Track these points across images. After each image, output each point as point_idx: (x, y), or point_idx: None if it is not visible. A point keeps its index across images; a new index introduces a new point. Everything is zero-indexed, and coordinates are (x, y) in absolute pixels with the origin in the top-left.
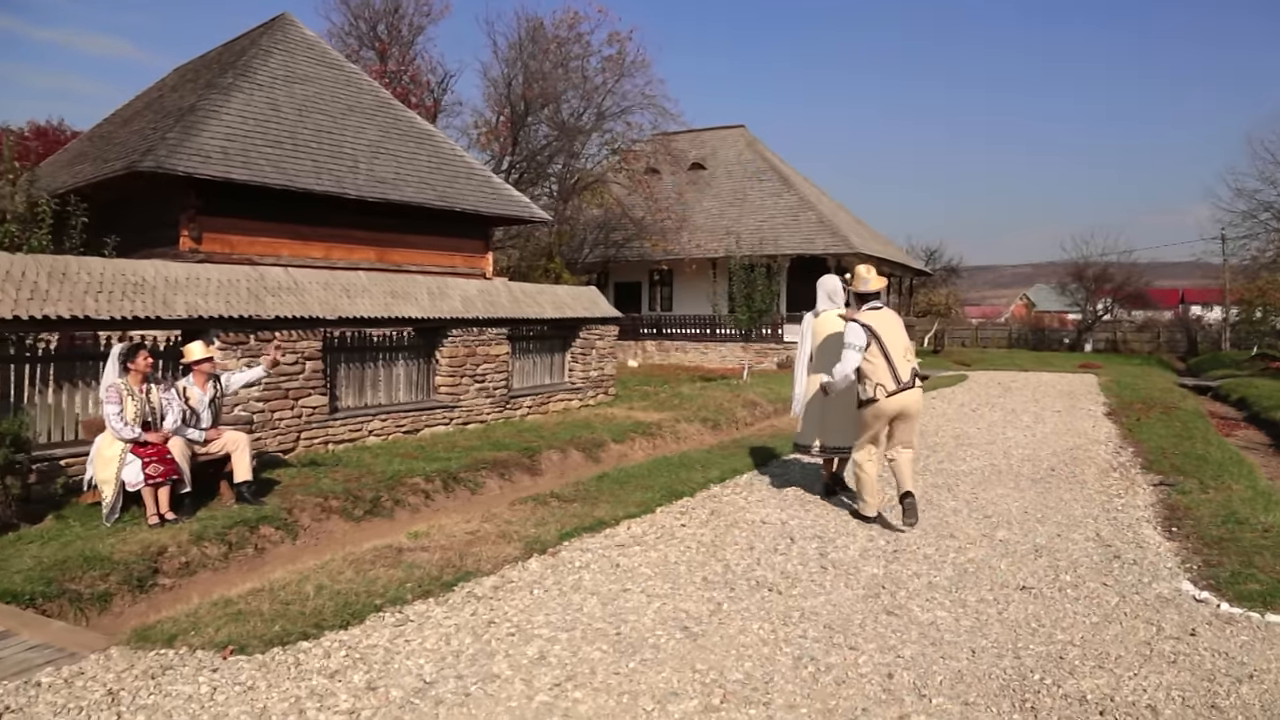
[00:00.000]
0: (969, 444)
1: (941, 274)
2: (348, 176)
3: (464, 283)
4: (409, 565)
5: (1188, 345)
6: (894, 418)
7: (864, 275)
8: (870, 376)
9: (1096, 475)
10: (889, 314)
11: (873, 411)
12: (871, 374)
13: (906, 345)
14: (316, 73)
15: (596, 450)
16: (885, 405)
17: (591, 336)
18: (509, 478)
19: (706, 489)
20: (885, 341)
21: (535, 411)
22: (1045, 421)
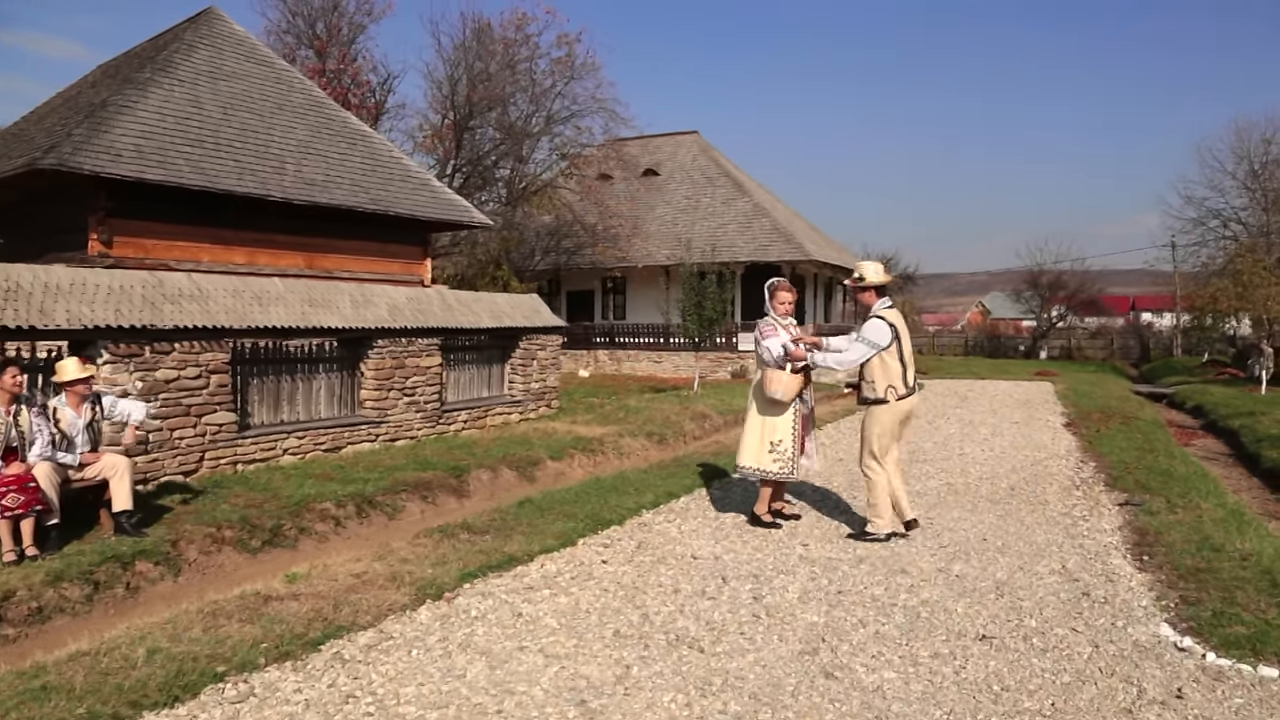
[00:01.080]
0: (924, 460)
1: (897, 281)
2: (273, 178)
3: (392, 290)
4: (271, 619)
5: (1140, 352)
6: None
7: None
8: (883, 378)
9: (1059, 494)
10: (899, 314)
11: (890, 414)
12: (885, 375)
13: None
14: (244, 69)
15: (531, 469)
16: (900, 407)
17: (533, 347)
18: (432, 500)
19: (638, 515)
20: (903, 343)
21: (471, 426)
22: (1003, 434)
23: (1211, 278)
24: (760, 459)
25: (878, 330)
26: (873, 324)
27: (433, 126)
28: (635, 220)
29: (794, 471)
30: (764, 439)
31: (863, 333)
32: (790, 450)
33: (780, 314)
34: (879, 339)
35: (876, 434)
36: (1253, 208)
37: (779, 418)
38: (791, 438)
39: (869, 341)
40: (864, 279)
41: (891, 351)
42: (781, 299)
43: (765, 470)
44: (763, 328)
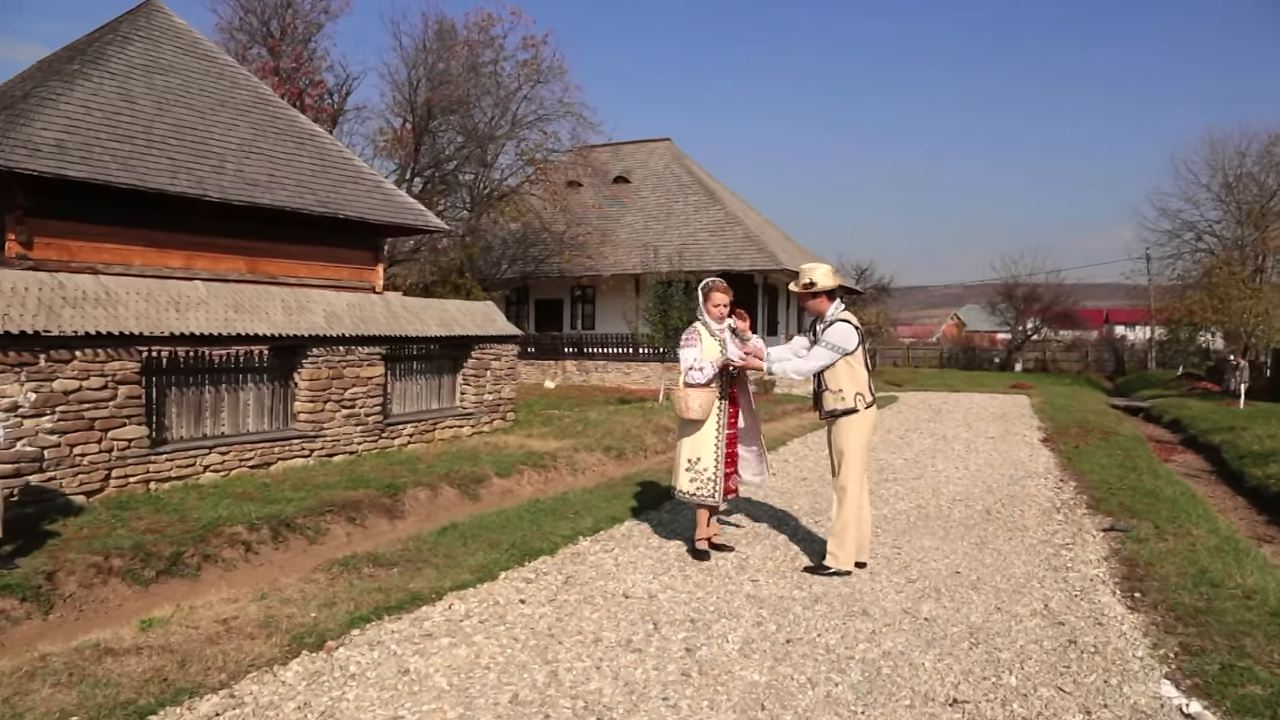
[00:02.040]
0: (894, 479)
1: (872, 292)
2: (211, 177)
3: (332, 296)
4: (97, 682)
5: (1115, 365)
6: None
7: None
8: (851, 385)
9: (1038, 518)
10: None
11: (866, 425)
12: (854, 382)
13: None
14: (183, 63)
15: (476, 486)
16: (871, 416)
17: (486, 356)
18: (361, 522)
19: (574, 543)
20: (864, 349)
21: (418, 440)
22: (979, 450)
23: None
24: (679, 480)
25: (845, 334)
26: (840, 328)
27: (393, 130)
28: (604, 228)
29: (716, 495)
30: (681, 456)
31: (827, 338)
32: (712, 471)
33: (714, 318)
34: (846, 343)
35: (858, 448)
36: (1227, 220)
37: (696, 435)
38: (713, 456)
39: (834, 347)
40: (814, 284)
41: (858, 356)
42: (716, 301)
43: (684, 493)
44: (686, 335)
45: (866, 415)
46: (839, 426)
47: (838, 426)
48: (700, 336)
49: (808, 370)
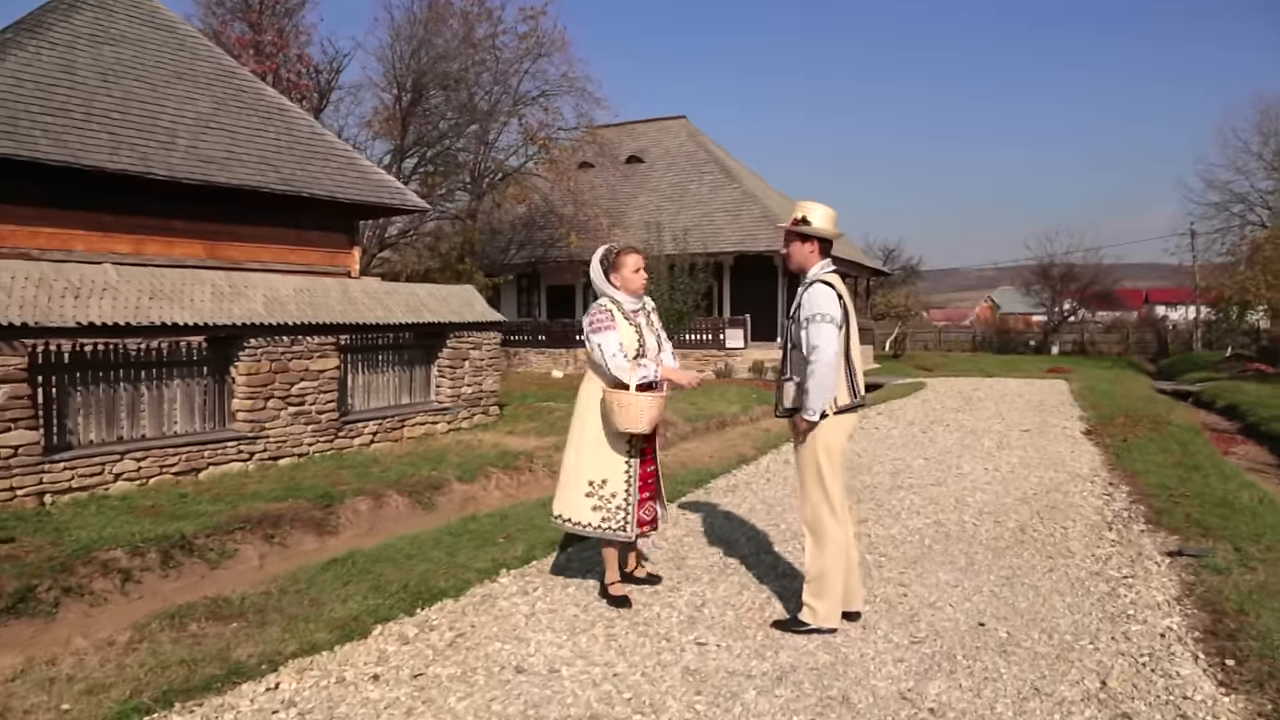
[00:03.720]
0: (910, 486)
1: (900, 274)
2: (158, 153)
3: (277, 280)
4: None
5: (1158, 346)
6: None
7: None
8: None
9: (1085, 537)
10: (843, 284)
11: (837, 433)
12: None
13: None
14: (138, 33)
15: (431, 494)
16: (847, 421)
17: (463, 345)
18: (281, 540)
19: (491, 580)
20: (852, 329)
21: (384, 439)
22: (1012, 446)
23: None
24: (575, 506)
25: (826, 298)
26: (817, 291)
27: (386, 108)
28: (616, 210)
29: (628, 527)
30: (580, 475)
31: (809, 307)
32: (623, 498)
33: (630, 292)
34: (831, 310)
35: (825, 466)
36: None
37: (603, 447)
38: (624, 478)
39: (827, 317)
40: (809, 221)
41: (841, 336)
42: (635, 267)
43: (582, 523)
44: (594, 315)
45: (837, 422)
46: (803, 447)
47: (802, 445)
48: (614, 317)
49: (832, 374)
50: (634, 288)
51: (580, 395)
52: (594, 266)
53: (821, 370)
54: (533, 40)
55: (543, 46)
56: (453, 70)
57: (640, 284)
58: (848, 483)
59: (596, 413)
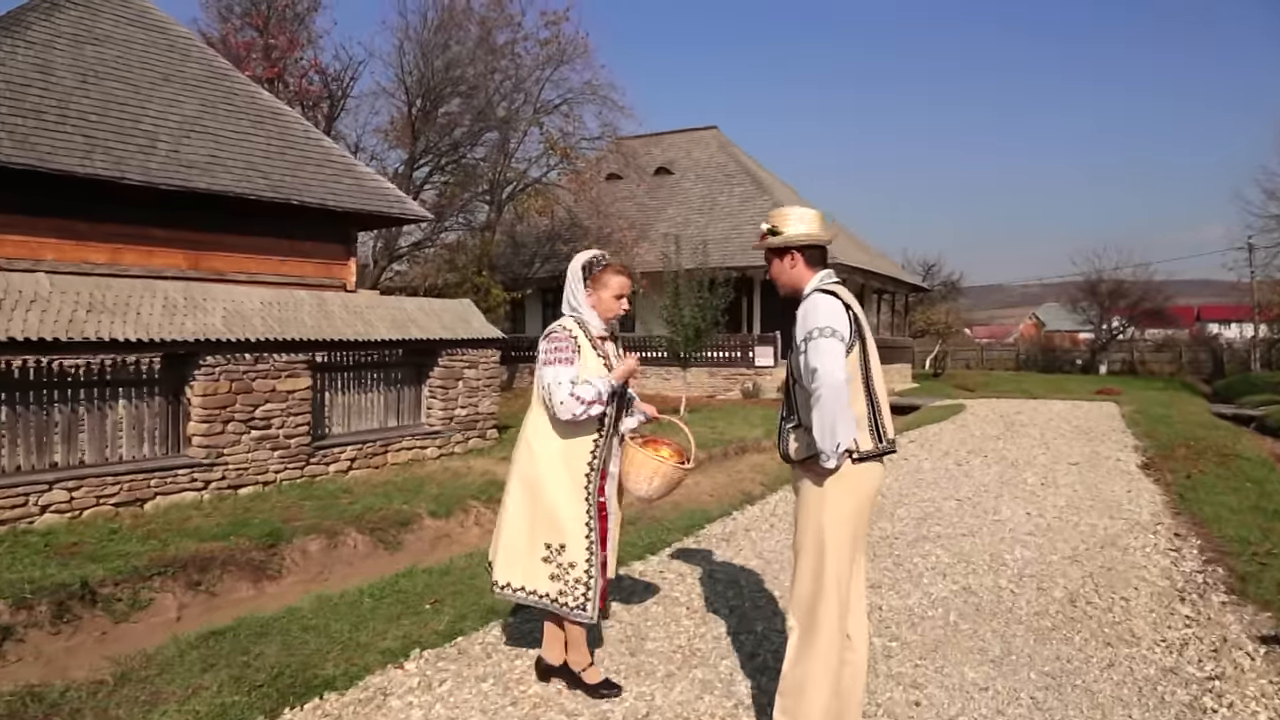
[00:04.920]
0: (938, 537)
1: (940, 290)
2: (134, 158)
3: (241, 292)
4: None
5: (1213, 366)
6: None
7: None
8: None
9: (1152, 615)
10: (853, 298)
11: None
12: None
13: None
14: (125, 34)
15: (398, 531)
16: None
17: (457, 364)
18: (210, 587)
19: (396, 664)
20: (869, 352)
21: (364, 465)
22: (1058, 484)
23: None
24: (530, 570)
25: (830, 312)
26: (814, 303)
27: (401, 115)
28: (643, 222)
29: (588, 607)
30: (534, 534)
31: (808, 323)
32: (584, 570)
33: (603, 315)
34: (838, 323)
35: (830, 537)
36: None
37: (563, 503)
38: (586, 547)
39: (830, 331)
40: (777, 232)
41: (852, 360)
42: (614, 290)
43: (539, 591)
44: (553, 338)
45: (858, 477)
46: (804, 490)
47: (803, 489)
48: (575, 347)
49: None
50: (609, 315)
51: (525, 429)
52: (572, 271)
53: (828, 397)
54: (554, 46)
55: (564, 53)
56: (469, 76)
57: (616, 313)
58: (855, 563)
59: (550, 457)
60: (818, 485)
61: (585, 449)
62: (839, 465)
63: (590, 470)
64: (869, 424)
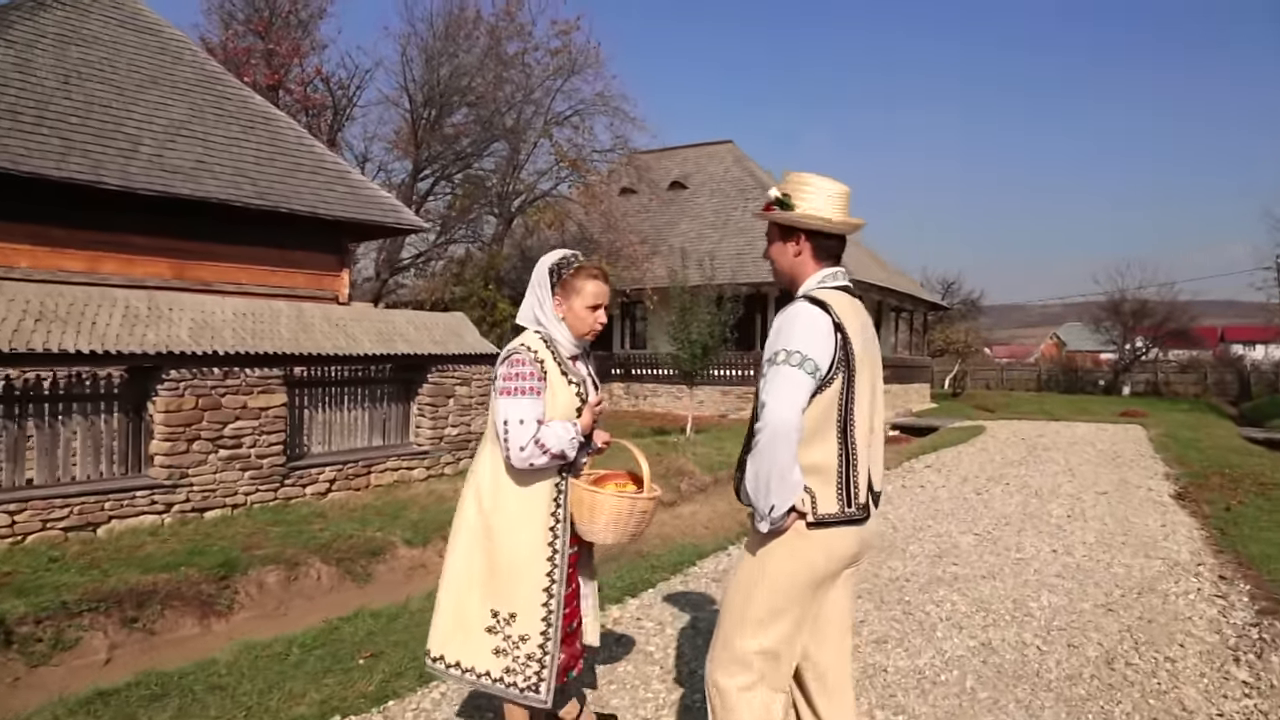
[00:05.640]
0: (954, 579)
1: (960, 308)
2: (115, 161)
3: (212, 301)
4: None
5: (1239, 388)
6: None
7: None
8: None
9: (1204, 680)
10: (860, 309)
11: (804, 565)
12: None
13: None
14: (115, 35)
15: (368, 561)
16: (834, 547)
17: (448, 380)
18: (149, 625)
19: None
20: (857, 386)
21: (345, 487)
22: (1086, 516)
23: None
24: (466, 645)
25: (807, 327)
26: (791, 315)
27: (407, 124)
28: (655, 236)
29: (542, 688)
30: (476, 600)
31: (775, 343)
32: (538, 646)
33: (577, 331)
34: (809, 347)
35: (764, 601)
36: None
37: (518, 564)
38: (544, 619)
39: (795, 357)
40: (789, 204)
41: (829, 398)
42: (589, 297)
43: (478, 670)
44: (513, 363)
45: (812, 545)
46: (747, 544)
47: (747, 542)
48: (536, 375)
49: (783, 451)
50: (581, 330)
51: (476, 468)
52: (538, 274)
53: (766, 443)
54: (565, 56)
55: (575, 63)
56: (477, 85)
57: (592, 327)
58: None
59: (505, 504)
60: (758, 544)
61: (547, 493)
62: (780, 528)
63: (556, 520)
64: (838, 479)
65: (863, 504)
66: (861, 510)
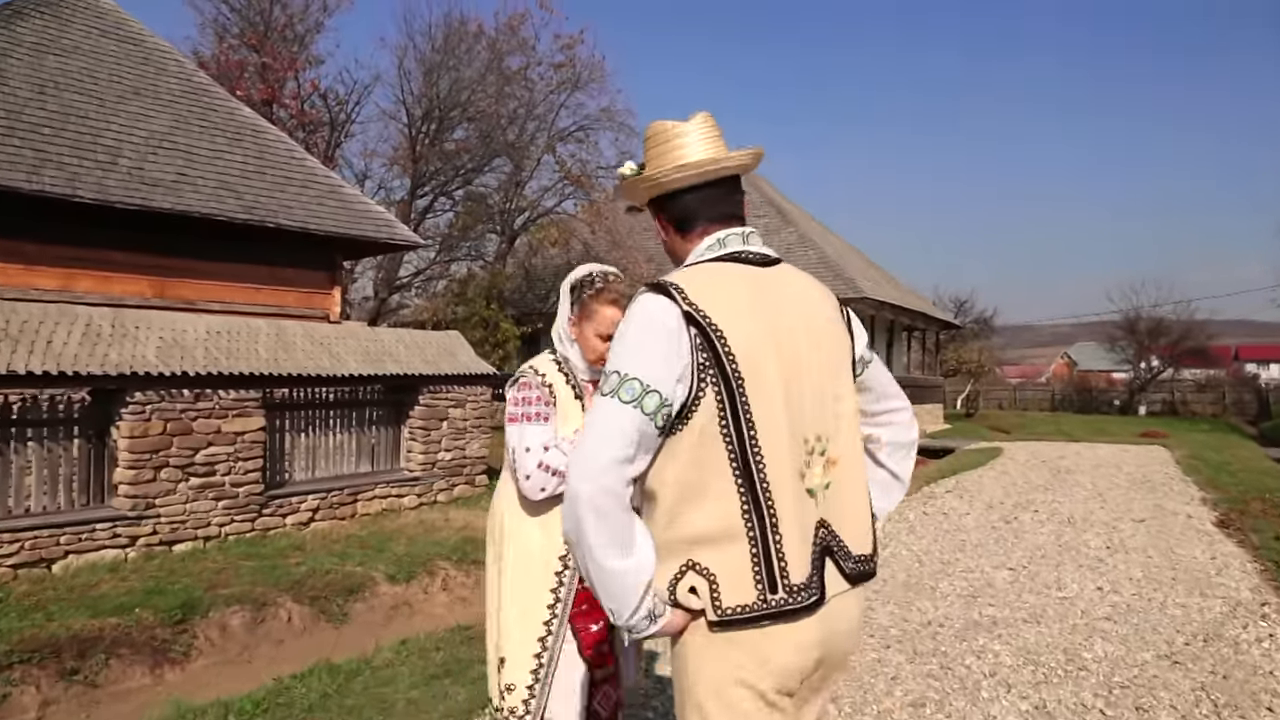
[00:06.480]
0: (993, 624)
1: (973, 327)
2: (91, 174)
3: (185, 319)
4: None
5: (1258, 407)
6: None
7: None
8: (685, 525)
9: None
10: (779, 280)
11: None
12: (695, 519)
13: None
14: (96, 45)
15: (346, 600)
16: (770, 659)
17: (441, 402)
18: (91, 677)
19: None
20: (761, 392)
21: (329, 516)
22: (1127, 548)
23: None
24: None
25: (644, 332)
26: (632, 316)
27: (407, 139)
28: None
29: None
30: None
31: (611, 351)
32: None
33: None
34: (643, 365)
35: None
36: None
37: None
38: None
39: (614, 381)
40: (639, 169)
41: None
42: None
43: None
44: (520, 390)
45: (729, 652)
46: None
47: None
48: (554, 398)
49: (604, 531)
50: (591, 357)
51: (497, 494)
52: (562, 292)
53: (567, 525)
54: (569, 70)
55: (580, 78)
56: (478, 100)
57: (601, 358)
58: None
59: (518, 538)
60: (674, 647)
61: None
62: (652, 631)
63: (565, 565)
64: (751, 551)
65: (802, 585)
66: (803, 595)
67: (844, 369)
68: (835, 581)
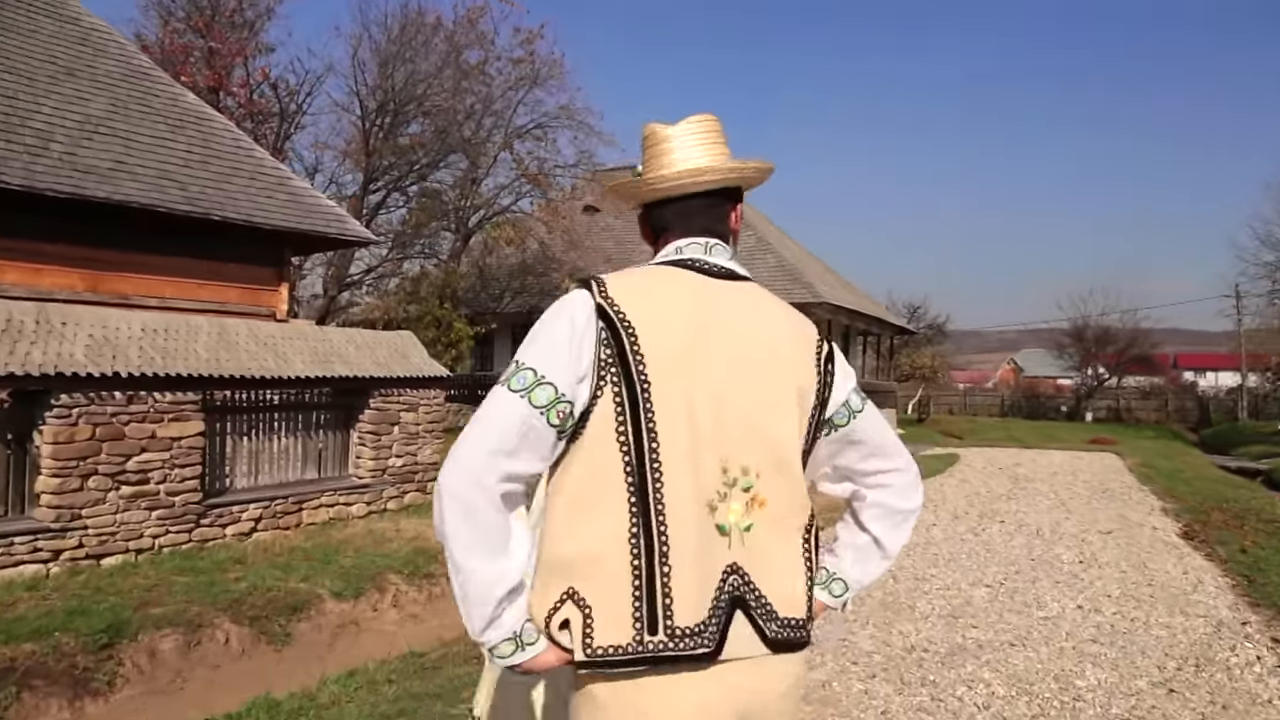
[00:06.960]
0: (978, 647)
1: (926, 333)
2: (19, 159)
3: (117, 315)
4: None
5: (1199, 415)
6: None
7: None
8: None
9: None
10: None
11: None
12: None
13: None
14: (32, 24)
15: (289, 619)
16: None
17: (393, 406)
18: (4, 710)
19: None
20: (667, 398)
21: (272, 526)
22: (1099, 561)
23: None
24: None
25: (549, 322)
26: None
27: (358, 131)
28: (621, 256)
29: None
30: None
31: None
32: None
33: None
34: (541, 356)
35: None
36: None
37: None
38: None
39: (522, 369)
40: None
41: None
42: None
43: None
44: None
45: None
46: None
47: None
48: None
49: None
50: None
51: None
52: None
53: (436, 520)
54: (527, 66)
55: (539, 74)
56: (434, 94)
57: None
58: None
59: None
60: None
61: None
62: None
63: None
64: (633, 581)
65: (689, 630)
66: (688, 643)
67: (786, 404)
68: (748, 643)
